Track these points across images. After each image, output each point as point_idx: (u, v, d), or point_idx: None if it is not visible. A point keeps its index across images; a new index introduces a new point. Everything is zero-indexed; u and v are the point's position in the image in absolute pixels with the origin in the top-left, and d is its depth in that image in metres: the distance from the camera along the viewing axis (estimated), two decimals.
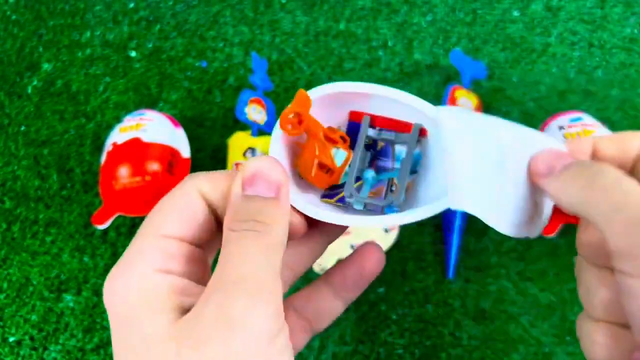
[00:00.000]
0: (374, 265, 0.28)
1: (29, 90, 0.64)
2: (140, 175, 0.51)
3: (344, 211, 0.29)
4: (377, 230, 0.53)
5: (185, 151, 0.55)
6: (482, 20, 0.65)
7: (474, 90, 0.60)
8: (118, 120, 0.61)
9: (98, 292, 0.54)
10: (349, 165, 0.30)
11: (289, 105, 0.27)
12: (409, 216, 0.26)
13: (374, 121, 0.30)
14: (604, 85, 0.60)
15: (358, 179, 0.30)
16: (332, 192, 0.30)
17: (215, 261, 0.23)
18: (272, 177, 0.23)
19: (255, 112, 0.56)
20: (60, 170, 0.60)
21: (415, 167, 0.29)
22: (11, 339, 0.53)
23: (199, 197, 0.23)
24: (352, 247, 0.51)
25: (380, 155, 0.31)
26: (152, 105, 0.62)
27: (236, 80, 0.63)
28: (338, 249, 0.49)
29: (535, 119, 0.59)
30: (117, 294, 0.21)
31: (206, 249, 0.25)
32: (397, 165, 0.30)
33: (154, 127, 0.54)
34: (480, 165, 0.25)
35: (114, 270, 0.22)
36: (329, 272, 0.28)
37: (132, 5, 0.69)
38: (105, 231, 0.56)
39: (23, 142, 0.62)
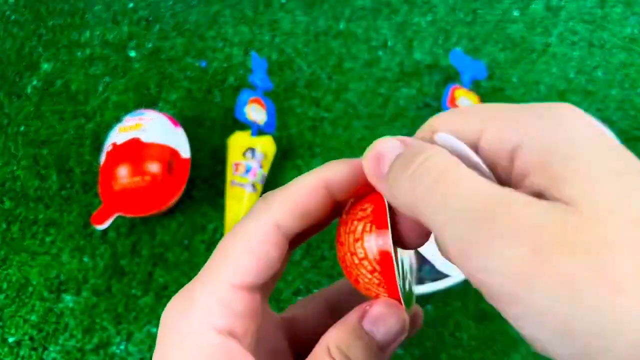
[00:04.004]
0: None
1: (29, 90, 0.64)
2: (139, 176, 0.51)
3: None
4: None
5: (184, 151, 0.55)
6: (482, 20, 0.65)
7: (474, 90, 0.60)
8: (118, 120, 0.61)
9: (98, 292, 0.54)
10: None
11: None
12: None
13: None
14: (604, 85, 0.60)
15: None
16: None
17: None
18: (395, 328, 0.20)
19: (255, 112, 0.56)
20: (59, 170, 0.60)
21: None
22: (11, 340, 0.53)
23: (276, 232, 0.20)
24: None
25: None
26: (151, 105, 0.62)
27: (236, 80, 0.63)
28: None
29: None
30: (174, 335, 0.19)
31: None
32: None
33: (154, 127, 0.54)
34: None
35: (174, 310, 0.19)
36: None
37: (131, 5, 0.68)
38: (105, 231, 0.56)
39: (22, 142, 0.62)
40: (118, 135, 0.54)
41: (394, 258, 0.19)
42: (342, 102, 0.61)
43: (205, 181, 0.58)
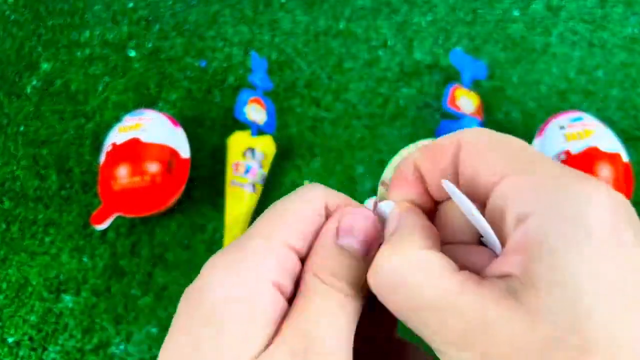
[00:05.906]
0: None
1: (28, 90, 0.64)
2: (139, 176, 0.51)
3: None
4: None
5: (184, 151, 0.55)
6: (483, 20, 0.65)
7: (474, 90, 0.60)
8: (117, 120, 0.61)
9: (97, 293, 0.54)
10: None
11: None
12: None
13: None
14: (605, 85, 0.60)
15: None
16: None
17: None
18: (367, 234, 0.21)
19: (254, 112, 0.56)
20: (59, 170, 0.60)
21: None
22: (10, 340, 0.53)
23: (323, 210, 0.21)
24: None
25: None
26: (151, 105, 0.62)
27: (236, 80, 0.63)
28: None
29: (535, 118, 0.59)
30: (229, 279, 0.19)
31: None
32: None
33: (153, 127, 0.54)
34: None
35: (228, 256, 0.19)
36: None
37: (131, 5, 0.68)
38: (105, 231, 0.56)
39: (22, 142, 0.62)
40: (118, 135, 0.54)
41: None
42: (342, 102, 0.61)
43: (205, 181, 0.58)
